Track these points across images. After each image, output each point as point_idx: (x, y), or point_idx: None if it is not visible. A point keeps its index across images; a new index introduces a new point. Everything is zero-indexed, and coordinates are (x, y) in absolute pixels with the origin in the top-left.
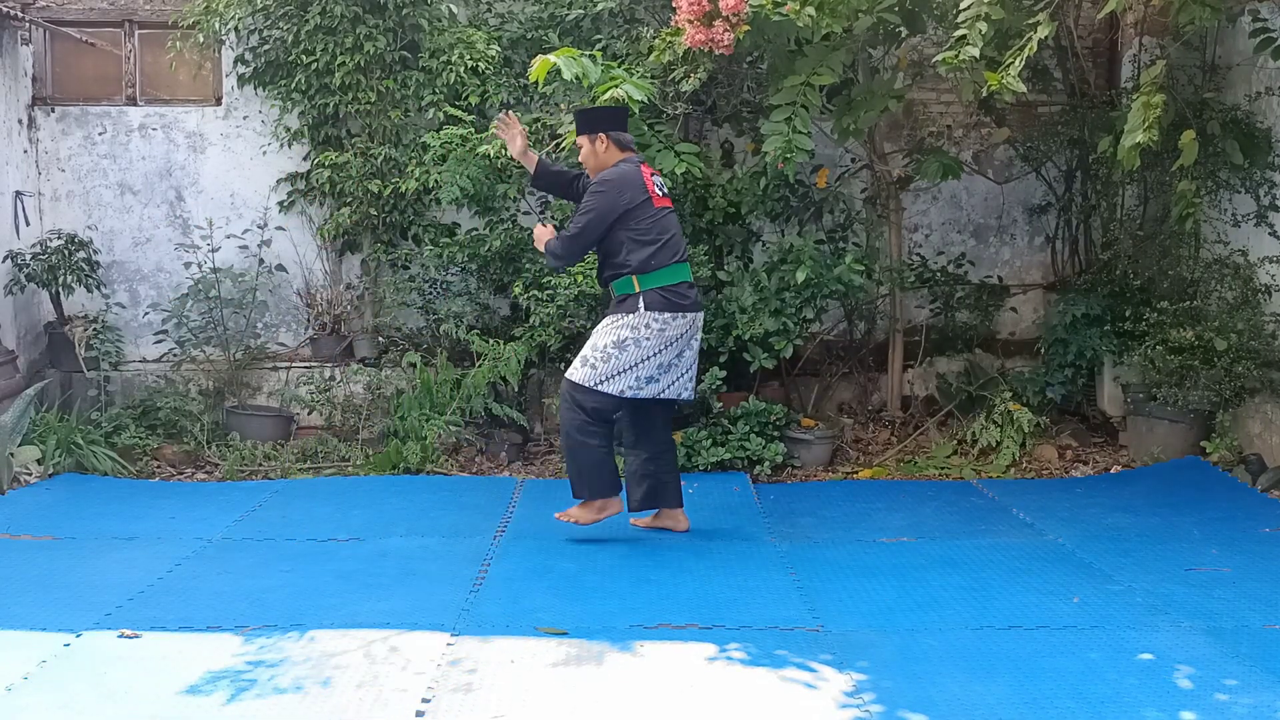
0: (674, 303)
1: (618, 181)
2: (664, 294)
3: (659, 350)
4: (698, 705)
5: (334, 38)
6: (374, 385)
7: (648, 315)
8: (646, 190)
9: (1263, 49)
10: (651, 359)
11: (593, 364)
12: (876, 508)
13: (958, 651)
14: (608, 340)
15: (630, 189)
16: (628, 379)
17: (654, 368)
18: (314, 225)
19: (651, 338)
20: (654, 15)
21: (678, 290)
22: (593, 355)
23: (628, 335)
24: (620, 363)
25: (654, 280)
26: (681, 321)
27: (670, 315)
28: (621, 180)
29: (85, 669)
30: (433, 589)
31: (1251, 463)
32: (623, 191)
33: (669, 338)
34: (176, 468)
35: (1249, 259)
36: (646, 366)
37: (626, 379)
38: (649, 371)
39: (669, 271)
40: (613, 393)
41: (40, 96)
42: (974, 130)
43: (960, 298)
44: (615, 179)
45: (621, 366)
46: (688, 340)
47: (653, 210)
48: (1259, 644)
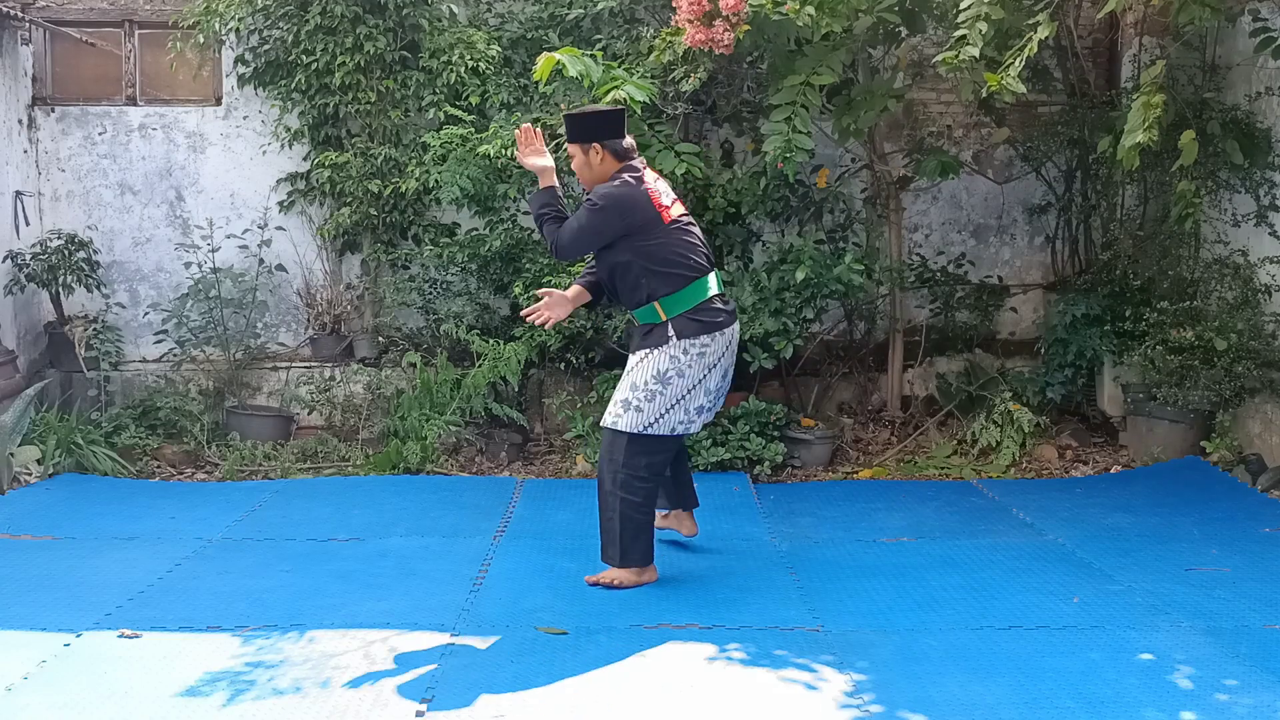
0: (707, 323)
1: (619, 202)
2: (694, 317)
3: (704, 375)
4: (698, 705)
5: (334, 38)
6: (374, 385)
7: (683, 343)
8: (654, 208)
9: (1263, 49)
10: (699, 386)
11: (637, 406)
12: (876, 508)
13: (958, 651)
14: (647, 376)
15: (634, 211)
16: (678, 414)
17: (703, 395)
18: (314, 225)
19: (694, 364)
20: (654, 15)
21: (708, 308)
22: (634, 396)
23: (668, 367)
24: (667, 398)
25: (679, 304)
26: (721, 339)
27: (707, 337)
28: (624, 201)
29: (85, 669)
30: (433, 589)
31: (1251, 463)
32: (624, 214)
33: (710, 361)
34: (176, 468)
35: (1249, 259)
36: (696, 395)
37: (677, 414)
38: (699, 400)
39: (693, 290)
40: (665, 433)
41: (40, 96)
42: (974, 130)
43: (960, 298)
44: (616, 199)
45: (669, 402)
46: (731, 355)
47: (663, 228)
48: (1259, 644)
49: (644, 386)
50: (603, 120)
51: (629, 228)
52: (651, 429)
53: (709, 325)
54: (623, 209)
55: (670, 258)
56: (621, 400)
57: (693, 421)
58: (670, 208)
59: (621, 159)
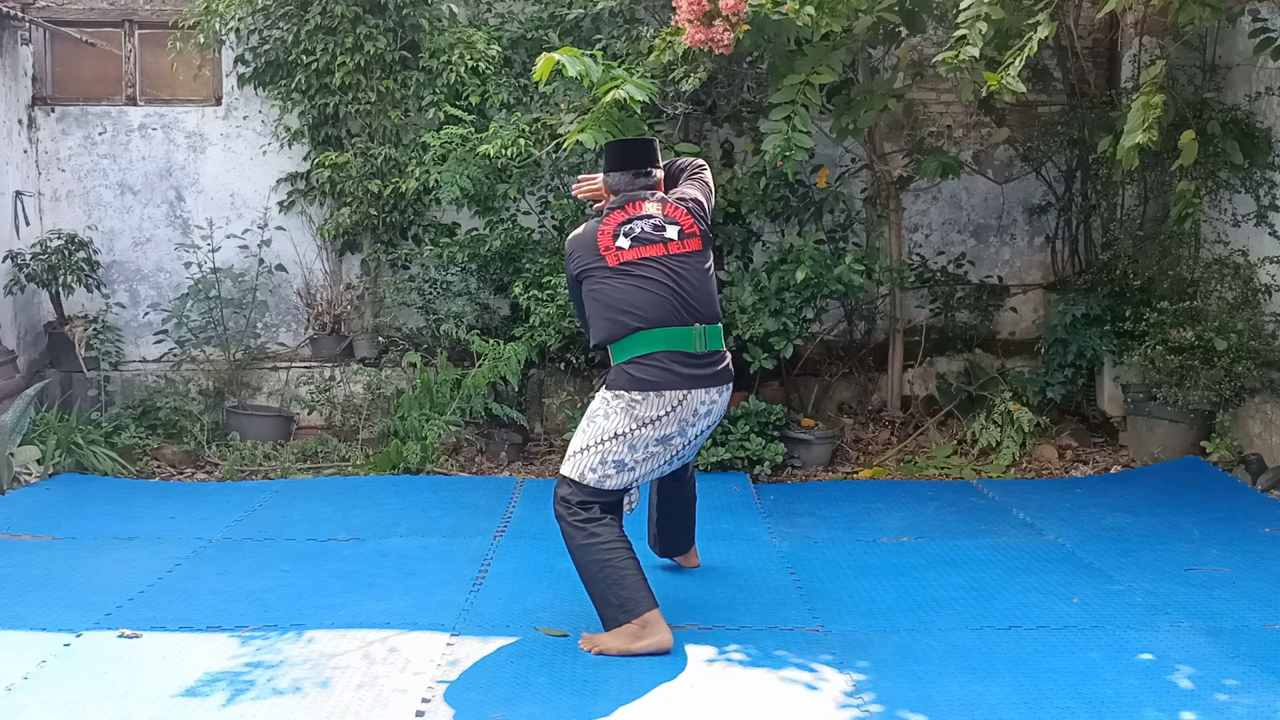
0: (638, 378)
1: (569, 245)
2: (627, 369)
3: (630, 429)
4: (698, 706)
5: (334, 38)
6: (374, 385)
7: (607, 394)
8: (597, 250)
9: (1263, 49)
10: (620, 438)
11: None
12: (876, 508)
13: (957, 651)
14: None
15: (577, 252)
16: (590, 458)
17: (626, 450)
18: (314, 225)
19: (618, 413)
20: (654, 15)
21: (647, 362)
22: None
23: (596, 407)
24: (587, 436)
25: (623, 352)
26: (656, 401)
27: (639, 394)
28: (571, 243)
29: (85, 669)
30: (433, 589)
31: (1251, 463)
32: (571, 257)
33: (641, 418)
34: (176, 468)
35: (1249, 259)
36: (615, 447)
37: (589, 458)
38: (620, 454)
39: (641, 339)
40: (574, 476)
41: (40, 96)
42: (974, 130)
43: (960, 298)
44: (569, 243)
45: (585, 442)
46: (678, 424)
47: (606, 269)
48: (1259, 644)
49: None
50: (608, 151)
51: (575, 270)
52: (568, 463)
53: (640, 382)
54: (569, 253)
55: (610, 302)
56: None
57: (608, 475)
58: (627, 251)
59: (615, 192)
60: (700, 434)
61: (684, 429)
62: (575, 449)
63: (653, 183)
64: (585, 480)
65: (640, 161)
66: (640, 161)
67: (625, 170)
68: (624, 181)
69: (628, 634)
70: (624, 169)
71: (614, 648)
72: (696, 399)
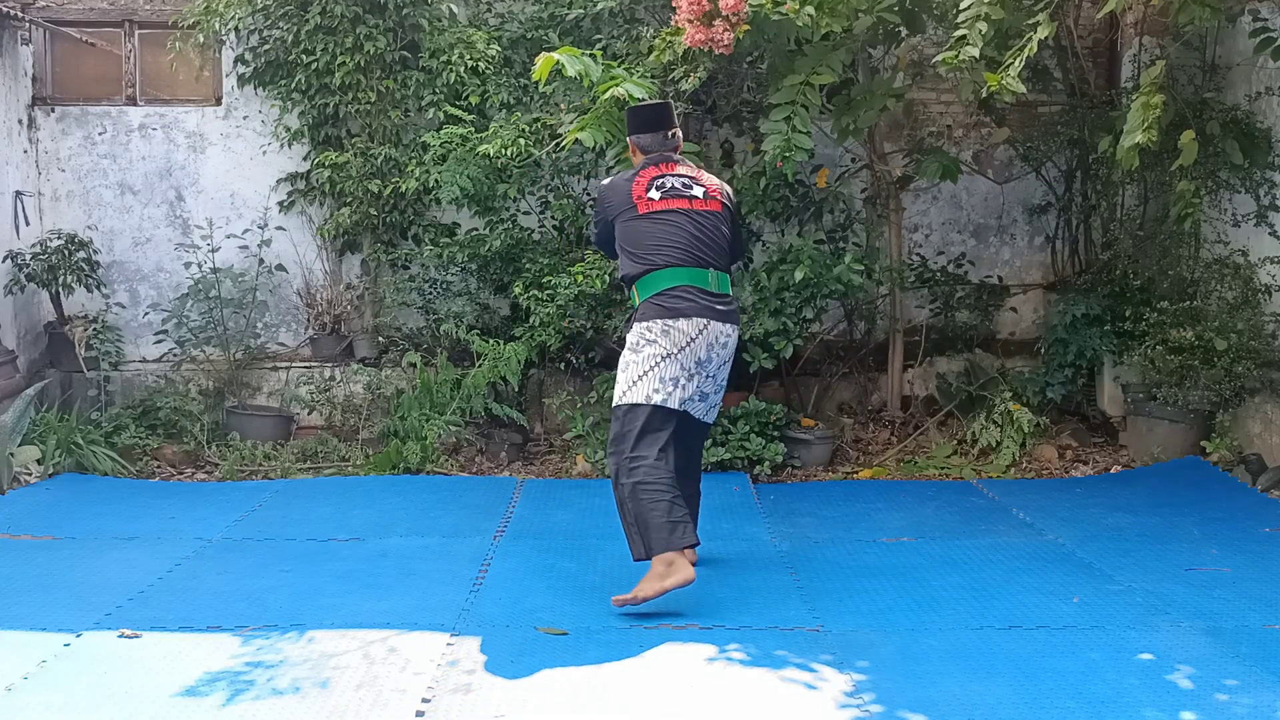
0: (669, 308)
1: (601, 193)
2: (655, 302)
3: (672, 350)
4: (698, 706)
5: (334, 38)
6: (374, 385)
7: (642, 327)
8: (630, 198)
9: (1263, 49)
10: (669, 359)
11: (617, 380)
12: (876, 508)
13: (958, 651)
14: (626, 351)
15: (612, 199)
16: (651, 381)
17: (678, 368)
18: (314, 225)
19: (659, 338)
20: (654, 15)
21: (674, 293)
22: (617, 375)
23: (637, 337)
24: (639, 364)
25: (645, 288)
26: (686, 325)
27: (669, 320)
28: (604, 191)
29: (85, 669)
30: (433, 589)
31: (1251, 463)
32: (604, 201)
33: (677, 340)
34: (176, 468)
35: (1249, 259)
36: (668, 366)
37: (650, 381)
38: (673, 371)
39: (660, 276)
40: (640, 401)
41: (40, 96)
42: (974, 130)
43: (960, 298)
44: (601, 189)
45: (641, 369)
46: (707, 350)
47: (636, 216)
48: (1259, 644)
49: (621, 362)
50: (633, 115)
51: (608, 213)
52: (626, 396)
53: (671, 310)
54: (603, 197)
55: (639, 243)
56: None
57: (669, 394)
58: (656, 202)
59: (646, 152)
60: (721, 369)
61: (710, 355)
62: (632, 379)
63: (676, 142)
64: (651, 400)
65: (665, 123)
66: (665, 123)
67: (654, 131)
68: (656, 141)
69: (656, 575)
70: (652, 130)
71: (648, 592)
72: (715, 329)
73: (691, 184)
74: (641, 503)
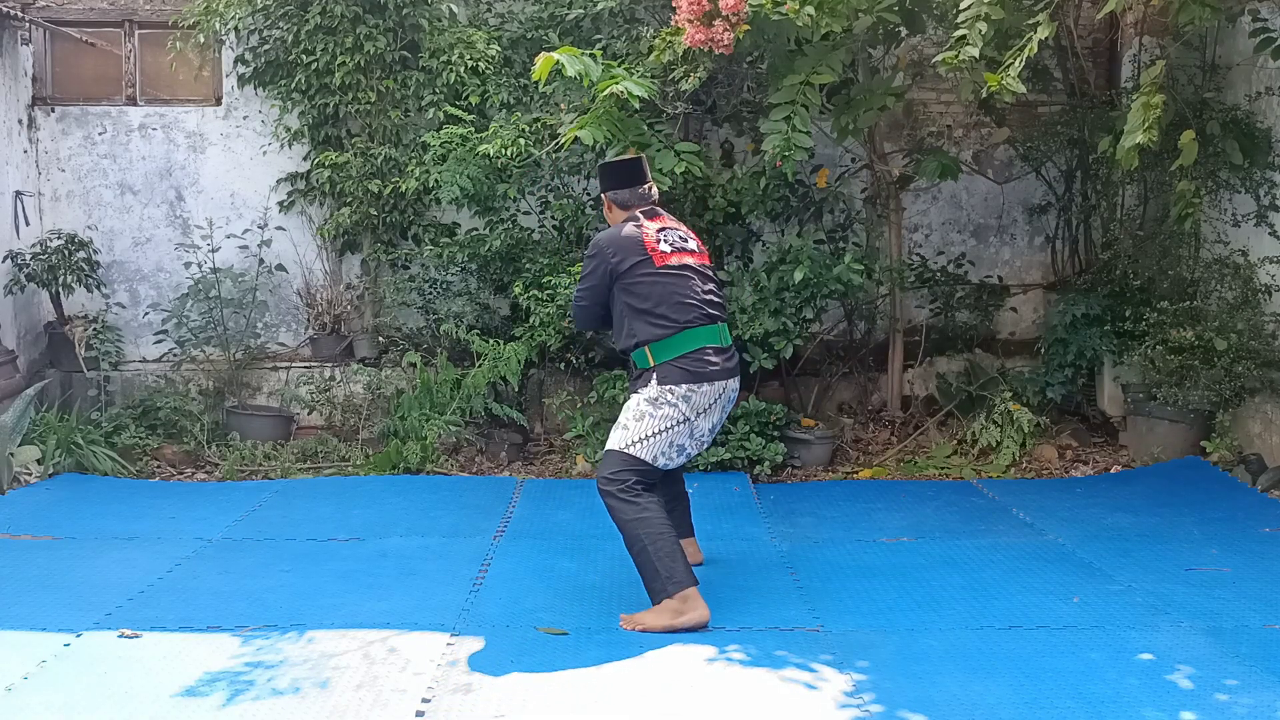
0: (694, 372)
1: (605, 242)
2: (680, 365)
3: (691, 417)
4: (698, 706)
5: (334, 38)
6: (374, 385)
7: (664, 389)
8: (645, 249)
9: (1263, 49)
10: (683, 425)
11: (624, 425)
12: (876, 508)
13: (958, 651)
14: (636, 404)
15: (620, 249)
16: (660, 443)
17: (687, 437)
18: (314, 225)
19: (679, 404)
20: (654, 15)
21: (698, 358)
22: (623, 418)
23: (656, 395)
24: (656, 421)
25: (666, 351)
26: (709, 390)
27: (694, 384)
28: (610, 241)
29: (85, 669)
30: (433, 589)
31: (1251, 463)
32: (611, 252)
33: (699, 406)
34: (176, 468)
35: (1249, 259)
36: (679, 432)
37: (660, 443)
38: (683, 440)
39: (684, 338)
40: (646, 458)
41: (40, 96)
42: (974, 130)
43: (960, 298)
44: (602, 241)
45: (657, 426)
46: (720, 407)
47: (652, 270)
48: (1259, 644)
49: (633, 409)
50: (609, 171)
51: (617, 267)
52: (633, 448)
53: (696, 375)
54: (609, 247)
55: (656, 302)
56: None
57: (671, 459)
58: (669, 255)
59: (625, 208)
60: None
61: (723, 413)
62: (643, 433)
63: (655, 195)
64: (656, 463)
65: (641, 178)
66: (641, 178)
67: (632, 186)
68: (635, 196)
69: (670, 610)
70: (630, 185)
71: (657, 625)
72: (731, 388)
73: (687, 237)
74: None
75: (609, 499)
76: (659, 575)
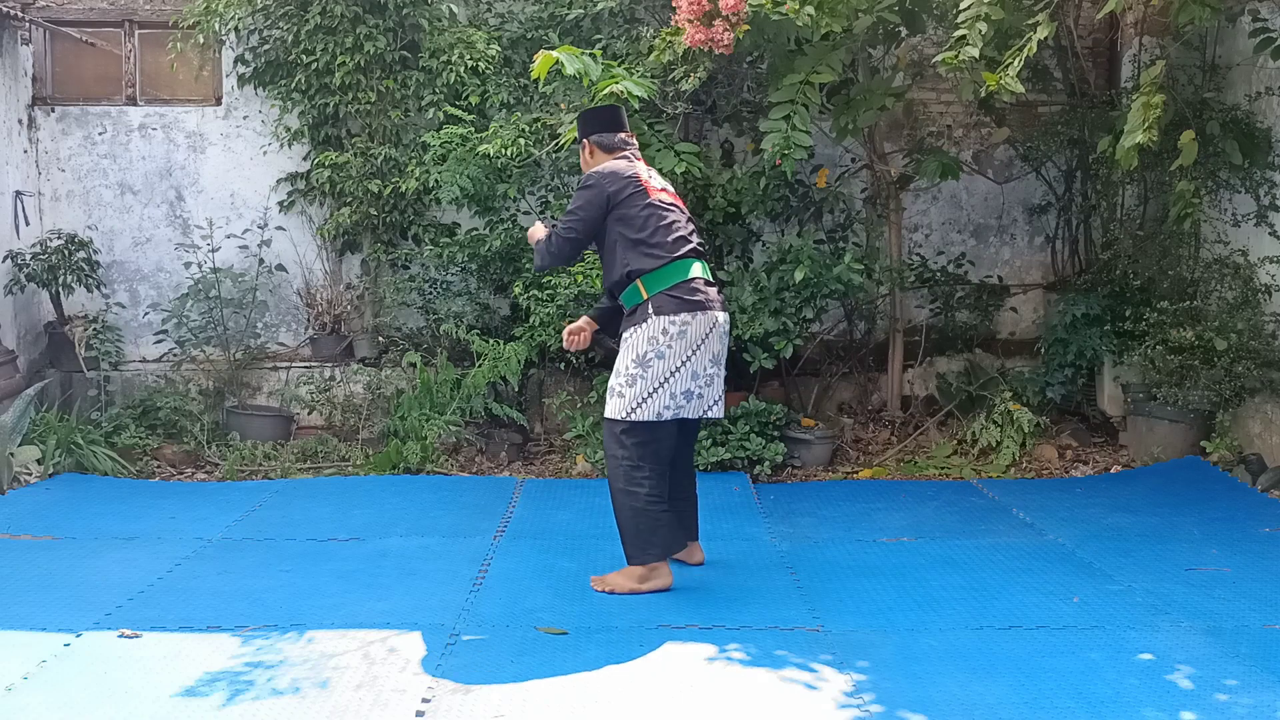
0: (687, 300)
1: (603, 174)
2: (673, 294)
3: (688, 356)
4: (698, 706)
5: (334, 38)
6: (374, 385)
7: (661, 321)
8: (638, 181)
9: (1263, 49)
10: (683, 368)
11: (619, 392)
12: (876, 508)
13: (958, 651)
14: (628, 360)
15: (617, 179)
16: (662, 399)
17: (689, 379)
18: (314, 225)
19: (674, 344)
20: (654, 15)
21: (689, 287)
22: (616, 382)
23: (646, 349)
24: (649, 382)
25: (660, 281)
26: (703, 319)
27: (688, 315)
28: (607, 172)
29: (85, 669)
30: (433, 589)
31: (1251, 463)
32: (609, 183)
33: (693, 341)
34: (176, 468)
35: (1249, 259)
36: (681, 379)
37: (661, 399)
38: (685, 384)
39: (673, 269)
40: (650, 419)
41: (40, 96)
42: (974, 130)
43: (960, 298)
44: (599, 173)
45: (651, 386)
46: (719, 342)
47: (647, 200)
48: (1259, 644)
49: (625, 372)
50: (591, 116)
51: (613, 196)
52: (634, 415)
53: (689, 304)
54: (607, 178)
55: (651, 231)
56: (609, 388)
57: (681, 407)
58: (659, 190)
59: (609, 152)
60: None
61: (722, 345)
62: (641, 395)
63: (634, 145)
64: (663, 417)
65: (622, 125)
66: (622, 125)
67: (613, 132)
68: (620, 141)
69: (636, 575)
70: (611, 131)
71: (624, 586)
72: (724, 320)
73: (666, 185)
74: (644, 518)
75: (612, 472)
76: (635, 543)
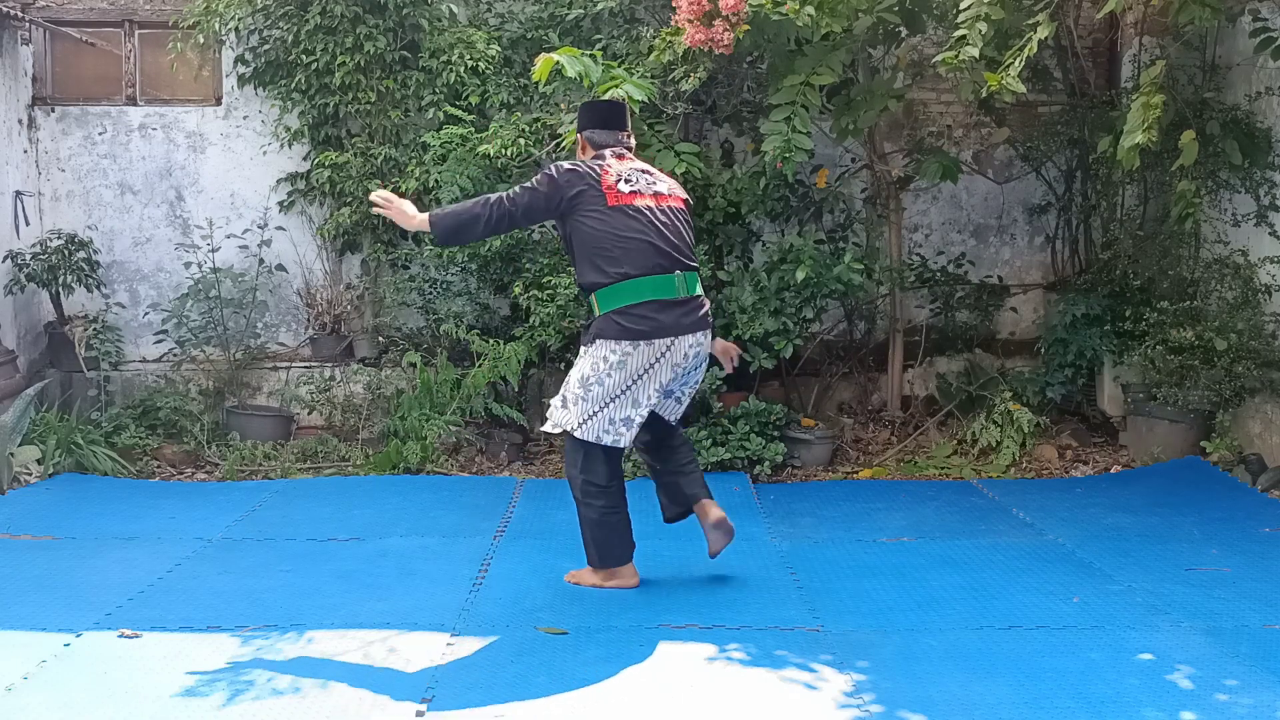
0: (629, 329)
1: (568, 168)
2: (617, 319)
3: (628, 386)
4: (698, 705)
5: (334, 38)
6: (374, 385)
7: (602, 346)
8: (599, 185)
9: (1263, 49)
10: (622, 396)
11: (570, 402)
12: (876, 508)
13: (958, 651)
14: (576, 376)
15: (576, 178)
16: (600, 423)
17: (629, 406)
18: (314, 225)
19: (612, 373)
20: (654, 15)
21: (638, 312)
22: (568, 392)
23: (589, 372)
24: (589, 404)
25: (609, 300)
26: (646, 350)
27: (629, 344)
28: (566, 169)
29: (85, 669)
30: (433, 589)
31: (1251, 463)
32: (566, 179)
33: (633, 371)
34: (176, 468)
35: (1249, 259)
36: (620, 406)
37: (600, 423)
38: (624, 412)
39: (626, 288)
40: (591, 440)
41: (40, 96)
42: (974, 130)
43: (960, 298)
44: (567, 166)
45: (591, 408)
46: (671, 370)
47: (601, 208)
48: (1259, 644)
49: (573, 385)
50: (588, 111)
51: (565, 191)
52: (579, 432)
53: (631, 332)
54: (568, 174)
55: (603, 245)
56: (560, 394)
57: (621, 435)
58: (627, 196)
59: (596, 148)
60: (693, 373)
61: (678, 374)
62: (585, 413)
63: (631, 143)
64: (602, 441)
65: (621, 124)
66: (621, 124)
67: (610, 129)
68: (612, 138)
69: (601, 575)
70: (607, 127)
71: (589, 581)
72: (684, 344)
73: (654, 180)
74: (601, 529)
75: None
76: (595, 550)
